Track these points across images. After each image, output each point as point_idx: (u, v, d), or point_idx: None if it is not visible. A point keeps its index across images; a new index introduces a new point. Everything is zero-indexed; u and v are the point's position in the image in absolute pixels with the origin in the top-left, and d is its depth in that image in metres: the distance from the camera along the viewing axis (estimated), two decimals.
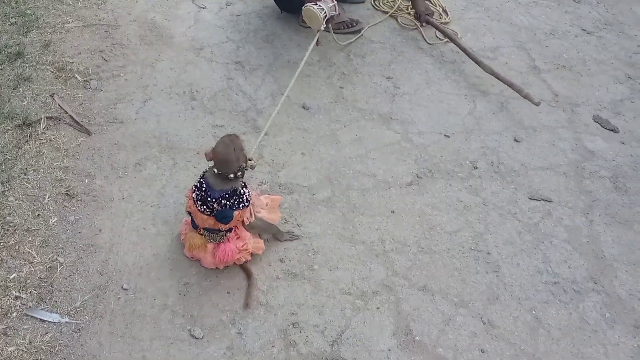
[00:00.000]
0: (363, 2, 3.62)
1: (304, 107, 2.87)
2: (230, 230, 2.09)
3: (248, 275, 2.17)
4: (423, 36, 3.36)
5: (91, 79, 2.85)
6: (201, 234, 2.11)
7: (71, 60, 2.91)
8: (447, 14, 3.54)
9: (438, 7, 3.56)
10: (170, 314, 2.05)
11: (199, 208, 2.02)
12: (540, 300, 2.20)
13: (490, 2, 3.73)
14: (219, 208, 1.99)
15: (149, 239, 2.26)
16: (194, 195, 2.03)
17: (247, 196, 2.04)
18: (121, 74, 2.91)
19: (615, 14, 3.76)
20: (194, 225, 2.11)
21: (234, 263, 2.15)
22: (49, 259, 2.15)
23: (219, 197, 1.98)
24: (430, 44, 3.32)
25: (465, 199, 2.52)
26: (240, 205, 2.02)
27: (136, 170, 2.49)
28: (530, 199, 2.55)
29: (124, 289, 2.10)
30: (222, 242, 2.10)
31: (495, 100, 3.00)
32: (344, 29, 3.29)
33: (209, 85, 2.92)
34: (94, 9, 3.27)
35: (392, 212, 2.45)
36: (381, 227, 2.39)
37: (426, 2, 3.50)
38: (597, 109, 3.02)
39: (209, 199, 1.99)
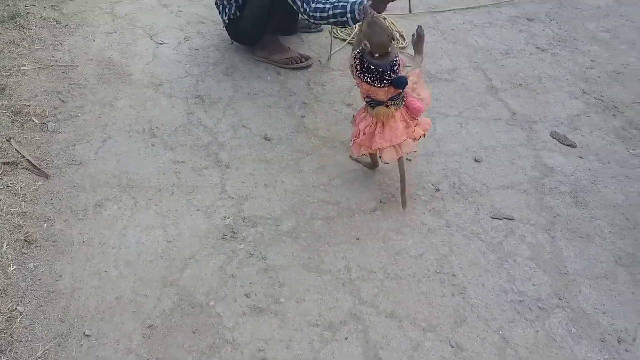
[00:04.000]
0: (321, 30, 3.66)
1: (265, 138, 2.87)
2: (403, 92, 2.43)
3: (402, 175, 2.53)
4: None
5: (48, 121, 2.82)
6: (387, 106, 2.40)
7: (28, 104, 2.88)
8: (404, 39, 3.59)
9: (395, 32, 3.62)
10: (135, 358, 2.02)
11: (378, 85, 2.35)
12: (506, 319, 2.21)
13: (446, 24, 3.80)
14: (394, 75, 2.32)
15: (111, 282, 2.22)
16: (367, 79, 2.35)
17: (398, 53, 2.39)
18: (79, 114, 2.89)
19: (568, 30, 3.86)
20: (375, 105, 2.42)
21: (411, 138, 2.49)
22: (8, 308, 2.10)
23: (390, 68, 2.32)
24: None
25: (428, 222, 2.54)
26: (400, 63, 2.37)
27: (96, 211, 2.46)
28: (493, 218, 2.57)
29: (87, 335, 2.06)
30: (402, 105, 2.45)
31: (454, 121, 3.04)
32: (292, 64, 3.30)
33: (169, 121, 2.92)
34: (50, 50, 3.25)
35: (357, 239, 2.46)
36: (347, 255, 2.39)
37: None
38: (554, 125, 3.08)
39: (384, 73, 2.32)
